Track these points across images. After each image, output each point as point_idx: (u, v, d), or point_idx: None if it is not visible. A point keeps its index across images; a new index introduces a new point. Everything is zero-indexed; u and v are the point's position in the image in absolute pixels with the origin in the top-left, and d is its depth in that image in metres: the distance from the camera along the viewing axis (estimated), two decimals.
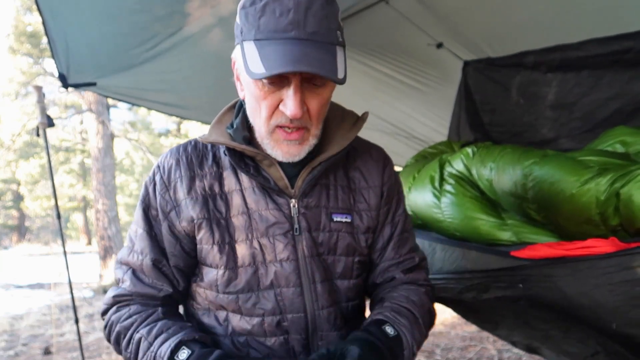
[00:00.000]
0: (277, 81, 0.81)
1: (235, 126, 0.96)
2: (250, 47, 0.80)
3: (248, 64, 0.80)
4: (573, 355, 1.67)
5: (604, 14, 2.27)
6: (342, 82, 0.82)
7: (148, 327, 0.89)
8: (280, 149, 0.88)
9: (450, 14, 2.70)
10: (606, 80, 2.40)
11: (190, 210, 0.93)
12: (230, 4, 2.22)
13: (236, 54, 0.90)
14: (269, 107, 0.84)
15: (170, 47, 2.50)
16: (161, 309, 0.94)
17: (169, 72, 2.78)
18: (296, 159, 0.89)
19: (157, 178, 0.97)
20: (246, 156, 0.93)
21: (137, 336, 0.89)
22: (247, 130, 0.95)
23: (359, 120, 0.99)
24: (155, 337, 0.87)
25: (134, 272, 0.96)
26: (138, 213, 0.98)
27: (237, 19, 0.86)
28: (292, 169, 0.94)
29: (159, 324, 0.90)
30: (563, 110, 2.59)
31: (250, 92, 0.87)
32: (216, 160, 0.97)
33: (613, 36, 2.30)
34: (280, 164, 0.93)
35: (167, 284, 0.96)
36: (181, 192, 0.94)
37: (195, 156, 0.97)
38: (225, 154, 0.95)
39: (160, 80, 2.84)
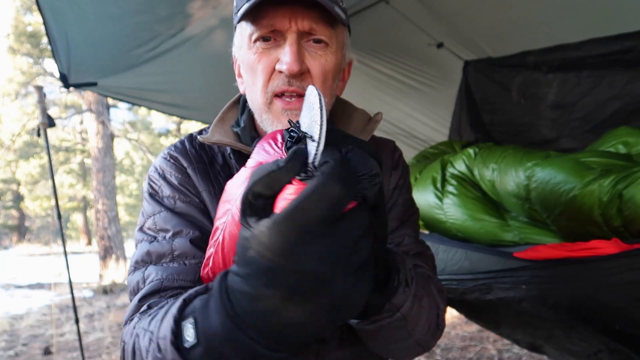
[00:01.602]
0: (272, 38, 0.74)
1: (243, 124, 0.85)
2: (242, 8, 0.73)
3: (237, 16, 0.75)
4: (576, 354, 1.67)
5: (604, 13, 2.27)
6: (342, 20, 0.75)
7: (148, 318, 0.64)
8: (281, 123, 0.75)
9: (451, 14, 2.70)
10: (607, 81, 2.40)
11: (209, 205, 0.80)
12: (232, 5, 2.21)
13: (234, 48, 0.85)
14: (264, 70, 0.75)
15: (171, 48, 2.50)
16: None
17: (170, 73, 2.78)
18: None
19: (169, 167, 0.84)
20: None
21: (137, 336, 0.64)
22: (255, 130, 0.85)
23: (371, 121, 0.88)
24: (156, 323, 0.60)
25: (155, 264, 0.75)
26: (151, 205, 0.82)
27: (234, 2, 0.81)
28: None
29: (164, 307, 0.63)
30: (564, 110, 2.59)
31: (246, 66, 0.78)
32: (226, 162, 0.86)
33: (614, 36, 2.30)
34: None
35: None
36: (198, 184, 0.82)
37: (204, 153, 0.86)
38: (231, 157, 0.84)
39: (161, 80, 2.84)
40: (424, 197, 1.96)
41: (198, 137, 0.87)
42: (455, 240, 1.82)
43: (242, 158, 0.83)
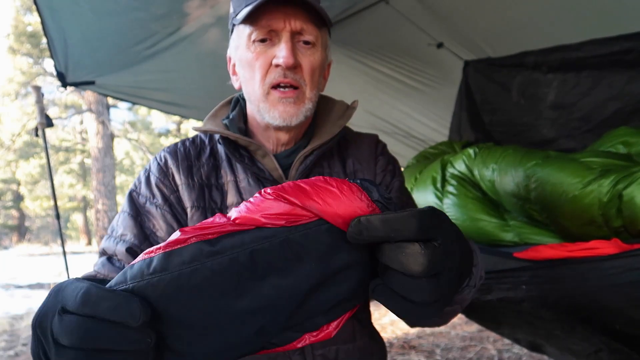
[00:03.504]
0: (268, 39, 0.85)
1: (231, 117, 0.97)
2: (242, 12, 0.83)
3: (237, 18, 0.85)
4: (576, 353, 1.67)
5: (604, 14, 2.27)
6: (328, 21, 0.87)
7: None
8: (277, 110, 0.86)
9: (451, 14, 2.70)
10: (606, 81, 2.41)
11: (187, 197, 0.91)
12: (229, 4, 2.20)
13: (230, 49, 0.94)
14: (262, 66, 0.85)
15: (169, 46, 2.48)
16: None
17: (168, 71, 2.76)
18: (293, 121, 0.87)
19: (154, 167, 0.95)
20: (241, 147, 0.93)
21: None
22: (243, 123, 0.96)
23: (348, 108, 0.98)
24: None
25: (108, 258, 0.87)
26: (125, 201, 0.94)
27: (230, 9, 0.90)
28: (285, 160, 0.94)
29: None
30: (563, 110, 2.60)
31: (244, 63, 0.88)
32: (213, 154, 0.97)
33: (613, 37, 2.31)
34: (275, 156, 0.93)
35: None
36: (178, 179, 0.92)
37: (193, 149, 0.97)
38: (220, 142, 0.94)
39: (159, 78, 2.82)
40: (423, 197, 1.96)
41: (193, 127, 0.99)
42: None
43: (229, 144, 0.92)
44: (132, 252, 0.86)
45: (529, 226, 1.67)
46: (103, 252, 0.89)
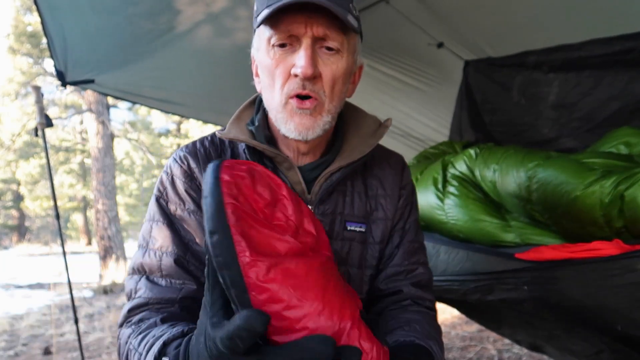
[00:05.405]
0: (288, 44, 0.80)
1: (257, 123, 0.92)
2: (262, 14, 0.79)
3: (257, 20, 0.81)
4: (577, 353, 1.67)
5: (605, 14, 2.27)
6: (354, 29, 0.80)
7: (140, 337, 0.77)
8: (293, 121, 0.82)
9: (451, 14, 2.70)
10: (607, 81, 2.40)
11: None
12: (223, 1, 2.20)
13: (252, 49, 0.90)
14: (281, 74, 0.81)
15: (165, 43, 2.47)
16: (164, 315, 0.80)
17: (166, 69, 2.74)
18: (309, 135, 0.83)
19: (177, 170, 0.90)
20: (265, 156, 0.89)
21: (130, 350, 0.77)
22: (268, 129, 0.92)
23: (381, 126, 0.94)
24: (144, 347, 0.73)
25: (147, 277, 0.85)
26: (154, 209, 0.90)
27: (254, 6, 0.86)
28: (309, 174, 0.91)
29: (153, 330, 0.76)
30: (564, 110, 2.59)
31: (264, 69, 0.84)
32: (234, 156, 0.93)
33: (615, 36, 2.30)
34: (299, 168, 0.90)
35: (191, 280, 0.84)
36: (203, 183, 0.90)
37: (212, 149, 0.93)
38: (245, 152, 0.90)
39: (158, 76, 2.80)
40: (425, 198, 1.96)
41: (215, 132, 0.94)
42: (457, 241, 1.82)
43: (255, 154, 0.89)
44: (180, 263, 0.84)
45: (530, 227, 1.67)
46: (141, 269, 0.86)
